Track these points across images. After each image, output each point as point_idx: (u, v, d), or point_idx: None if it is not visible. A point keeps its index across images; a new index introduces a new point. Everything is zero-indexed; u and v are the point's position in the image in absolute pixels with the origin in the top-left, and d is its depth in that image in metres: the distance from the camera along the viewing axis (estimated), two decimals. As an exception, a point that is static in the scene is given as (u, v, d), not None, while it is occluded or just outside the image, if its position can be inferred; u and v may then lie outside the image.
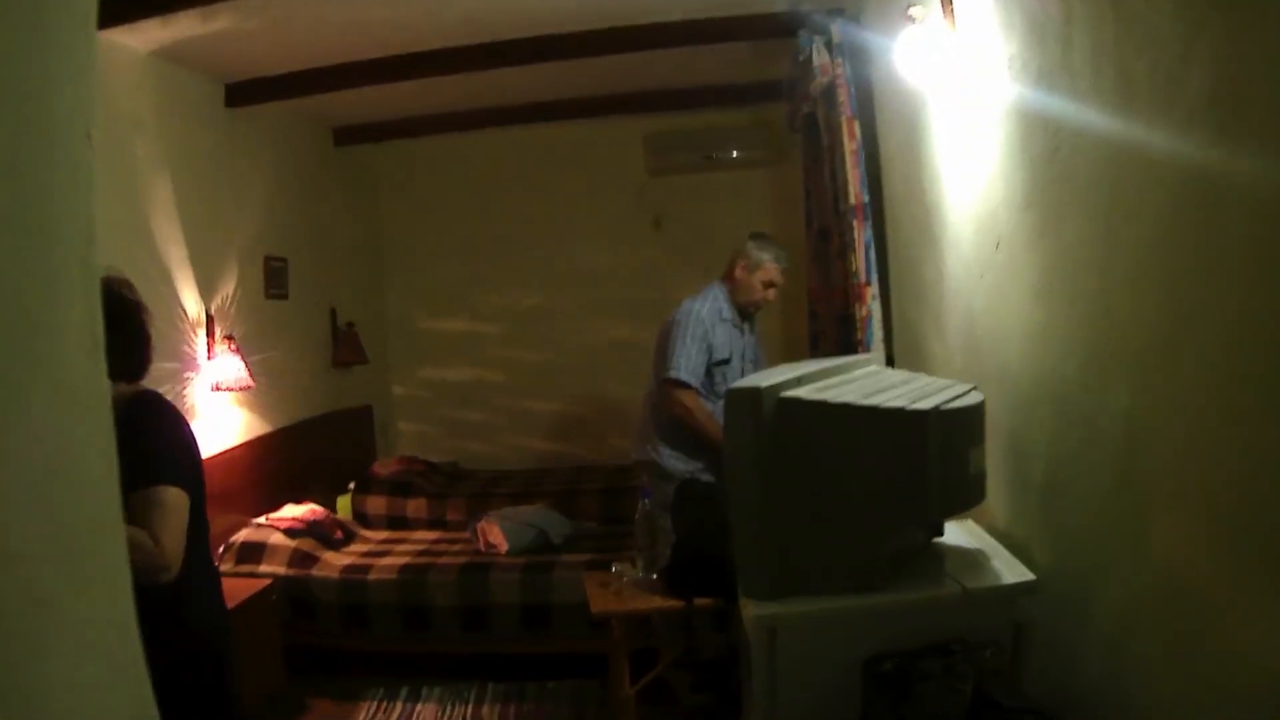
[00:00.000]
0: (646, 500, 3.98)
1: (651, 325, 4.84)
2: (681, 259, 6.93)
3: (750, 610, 2.23)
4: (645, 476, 4.49)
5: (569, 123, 6.95)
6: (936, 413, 2.10)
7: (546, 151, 7.36)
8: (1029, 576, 2.29)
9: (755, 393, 2.15)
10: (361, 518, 6.23)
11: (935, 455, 2.10)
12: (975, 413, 2.29)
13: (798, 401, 2.17)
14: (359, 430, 7.14)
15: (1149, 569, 1.82)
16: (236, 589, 4.51)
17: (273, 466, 5.64)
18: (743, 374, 4.34)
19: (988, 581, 2.31)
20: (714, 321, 4.36)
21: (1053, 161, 2.16)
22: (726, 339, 4.39)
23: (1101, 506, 2.02)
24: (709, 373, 4.34)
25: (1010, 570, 2.35)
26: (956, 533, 2.62)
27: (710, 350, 4.33)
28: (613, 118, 6.90)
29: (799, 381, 2.27)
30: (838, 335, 4.70)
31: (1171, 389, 1.71)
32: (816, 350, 5.26)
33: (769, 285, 4.41)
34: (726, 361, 4.37)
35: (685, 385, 4.26)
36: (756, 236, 4.50)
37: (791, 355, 5.58)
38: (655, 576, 3.83)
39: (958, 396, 2.25)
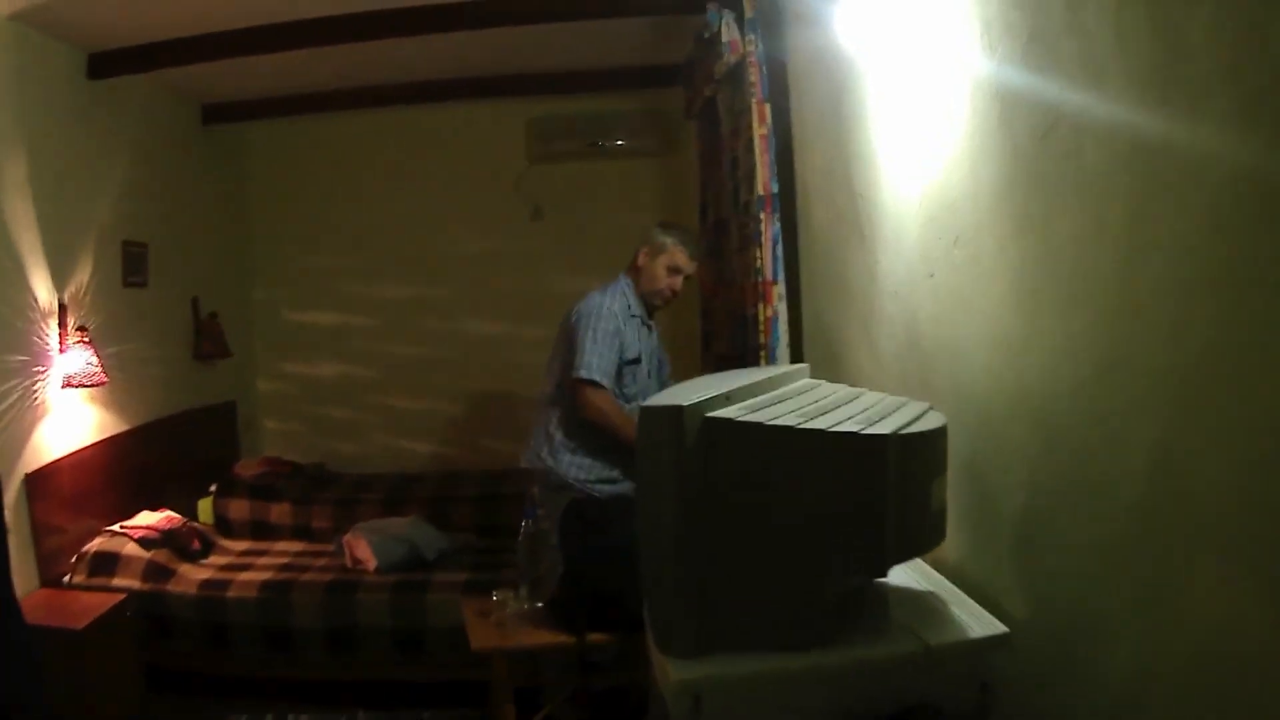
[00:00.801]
0: (531, 519, 3.73)
1: (529, 320, 4.65)
2: (563, 251, 6.76)
3: (669, 672, 1.92)
4: (535, 489, 4.20)
5: (448, 105, 6.64)
6: (896, 438, 1.87)
7: (424, 135, 7.03)
8: (1000, 629, 2.05)
9: (675, 412, 1.88)
10: (223, 522, 5.85)
11: (894, 487, 1.86)
12: (938, 438, 2.07)
13: (728, 424, 1.91)
14: (222, 428, 6.72)
15: (1181, 631, 1.59)
16: (89, 604, 4.25)
17: (128, 468, 5.23)
18: (649, 376, 4.16)
19: (951, 635, 2.05)
20: (624, 317, 4.06)
21: (1045, 143, 1.90)
22: (635, 337, 4.09)
23: (1109, 552, 1.77)
24: (618, 373, 4.03)
25: (975, 621, 2.10)
26: (901, 572, 2.30)
27: (621, 348, 4.03)
28: (494, 100, 6.64)
29: (727, 399, 2.01)
30: (733, 335, 4.48)
31: (1223, 418, 1.45)
32: (708, 351, 5.09)
33: (674, 271, 4.09)
34: (636, 361, 4.08)
35: (598, 385, 3.93)
36: (663, 224, 4.23)
37: (680, 355, 5.44)
38: (541, 605, 3.51)
39: (916, 419, 2.04)
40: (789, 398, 2.19)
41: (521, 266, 6.98)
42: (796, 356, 3.90)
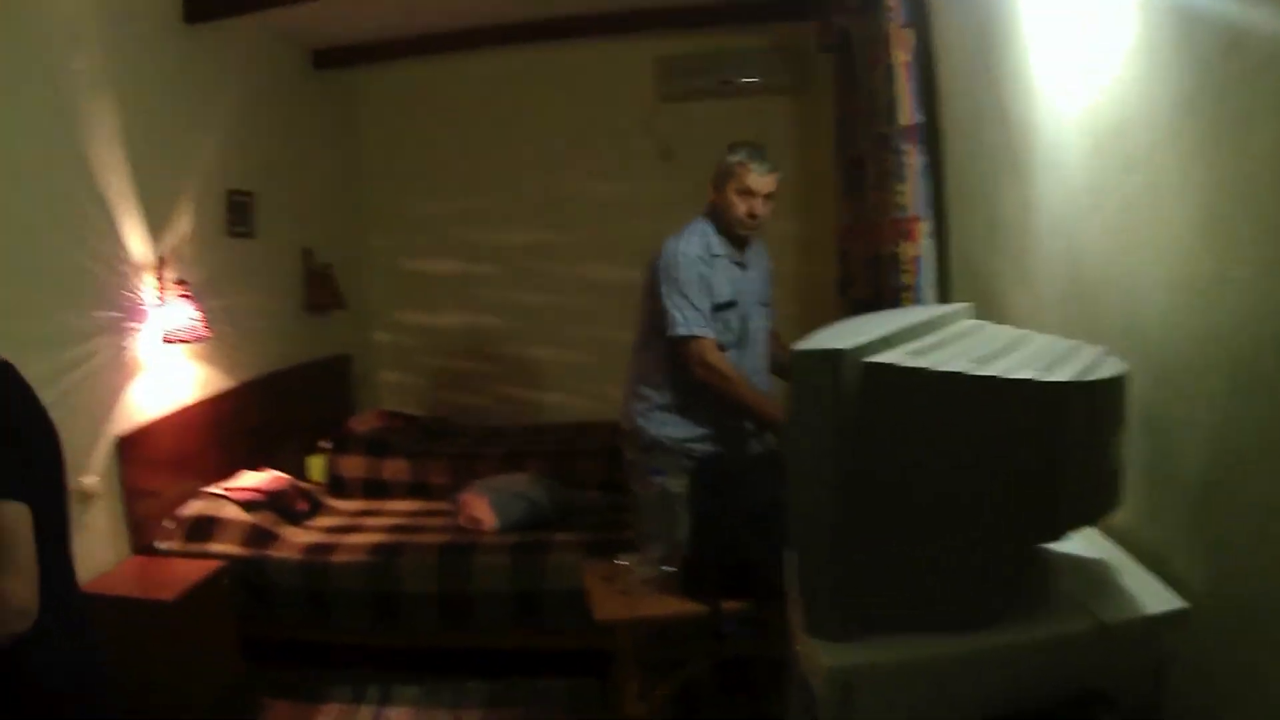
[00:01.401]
0: (659, 478, 3.44)
1: None
2: (695, 193, 6.19)
3: (817, 656, 1.70)
4: (627, 452, 3.92)
5: (571, 43, 6.27)
6: (1078, 386, 1.62)
7: (546, 75, 6.71)
8: (1178, 604, 1.76)
9: (833, 356, 1.64)
10: (337, 481, 5.67)
11: (1074, 442, 1.65)
12: (1118, 386, 1.78)
13: (891, 370, 1.64)
14: (336, 382, 6.54)
15: None
16: (185, 571, 4.05)
17: (233, 426, 5.04)
18: (749, 320, 3.76)
19: (1126, 611, 1.77)
20: (706, 259, 3.68)
21: (1234, 53, 1.58)
22: (726, 278, 3.69)
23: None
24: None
25: (1150, 595, 1.81)
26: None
27: (710, 293, 3.65)
28: (619, 38, 6.26)
29: (886, 342, 1.76)
30: (871, 278, 4.17)
31: None
32: (845, 296, 4.78)
33: (745, 194, 3.63)
34: (730, 305, 3.69)
35: (699, 338, 3.59)
36: (730, 145, 3.79)
37: (815, 302, 5.47)
38: (670, 570, 3.27)
39: (1093, 365, 1.75)
40: (953, 341, 1.95)
41: (652, 210, 6.48)
42: (944, 298, 3.55)
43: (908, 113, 3.53)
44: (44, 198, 3.83)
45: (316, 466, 5.70)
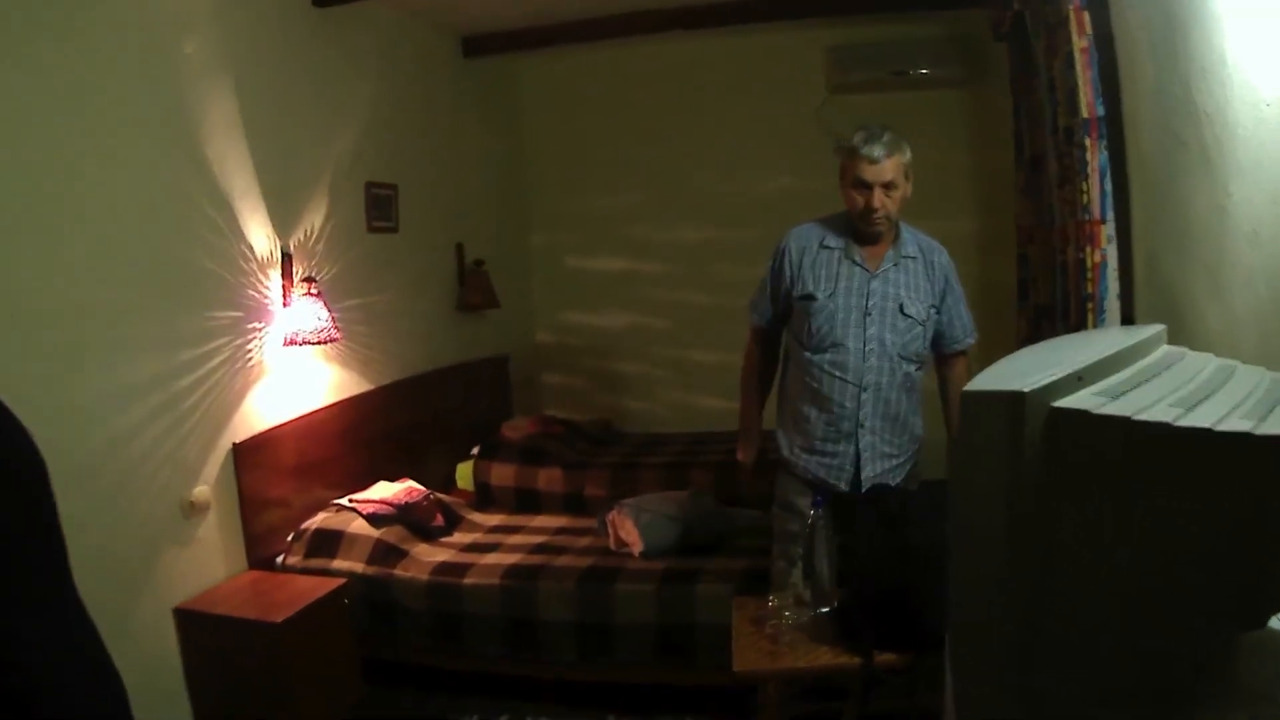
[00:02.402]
0: (819, 508, 3.02)
1: None
2: None
3: None
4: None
5: (739, 29, 5.83)
6: None
7: (713, 64, 6.31)
8: None
9: (1013, 401, 1.35)
10: (484, 490, 5.33)
11: None
12: None
13: (1082, 417, 1.34)
14: (491, 385, 6.22)
15: None
16: (303, 588, 3.77)
17: (368, 433, 4.75)
18: (848, 320, 3.24)
19: None
20: (805, 244, 3.37)
21: None
22: (827, 272, 3.29)
23: None
24: (789, 312, 3.39)
25: None
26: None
27: (791, 279, 3.34)
28: (788, 25, 5.84)
29: (1077, 380, 1.44)
30: (1052, 284, 3.78)
31: None
32: (1025, 301, 4.39)
33: (861, 186, 3.17)
34: (811, 298, 3.27)
35: (752, 324, 3.54)
36: (855, 130, 3.30)
37: (994, 308, 5.05)
38: (824, 612, 2.89)
39: None
40: (1150, 376, 1.62)
41: (825, 205, 6.12)
42: (1126, 309, 3.13)
43: (1088, 104, 3.16)
44: (156, 191, 3.58)
45: (465, 474, 5.39)
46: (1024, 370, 1.52)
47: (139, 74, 3.50)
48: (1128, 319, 3.06)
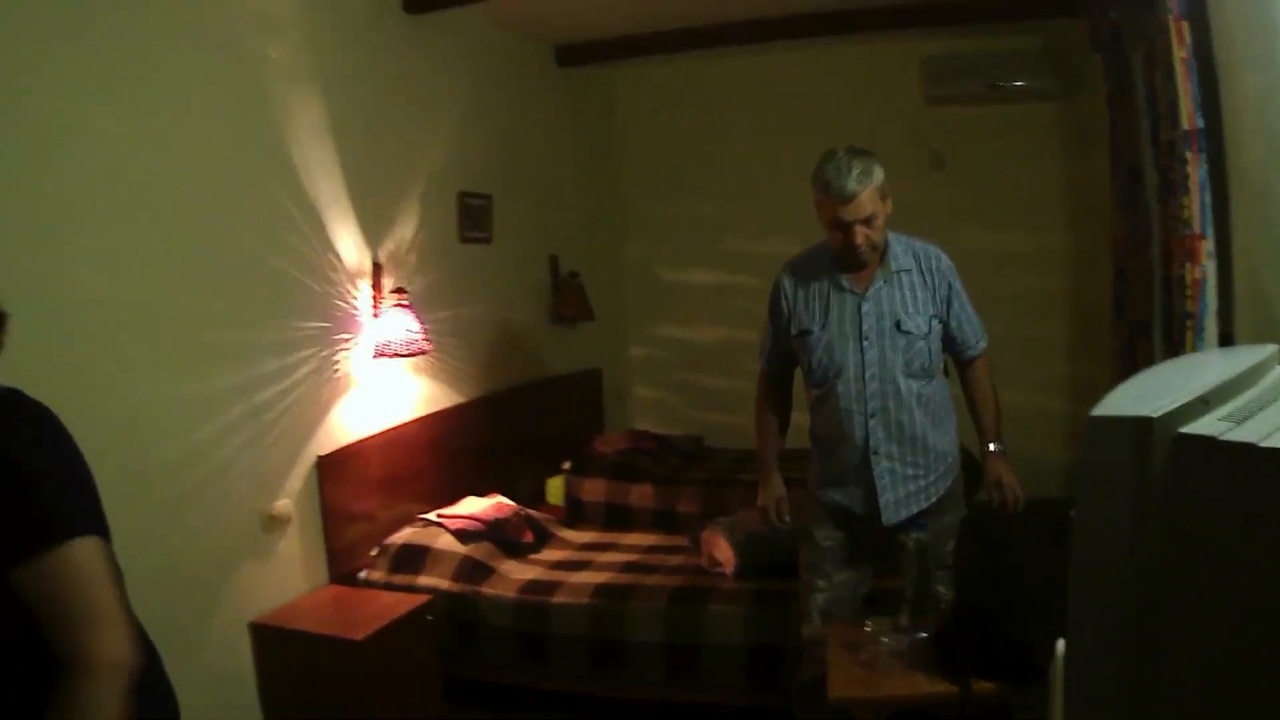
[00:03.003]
0: (922, 531, 2.99)
1: None
2: (967, 204, 5.80)
3: None
4: None
5: (834, 40, 5.71)
6: None
7: (807, 75, 6.12)
8: None
9: (1139, 426, 1.28)
10: (575, 505, 5.19)
11: None
12: None
13: (1210, 445, 1.25)
14: (583, 399, 6.09)
15: None
16: (385, 604, 3.66)
17: (457, 447, 4.64)
18: (845, 349, 3.03)
19: None
20: (797, 279, 3.16)
21: None
22: (819, 305, 3.08)
23: None
24: (789, 351, 3.22)
25: None
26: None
27: (789, 317, 3.16)
28: (883, 36, 5.70)
29: (1204, 404, 1.36)
30: (1149, 300, 3.77)
31: None
32: (1121, 318, 4.23)
33: (837, 227, 2.93)
34: (808, 332, 3.09)
35: (760, 371, 3.39)
36: (824, 156, 3.08)
37: (1088, 324, 5.17)
38: (923, 638, 2.80)
39: None
40: (1272, 401, 1.49)
41: (923, 219, 5.96)
42: (1224, 327, 2.97)
43: (1188, 116, 3.03)
44: (239, 198, 3.49)
45: (555, 489, 5.25)
46: (1149, 394, 1.44)
47: (222, 80, 3.43)
48: (1225, 337, 2.92)
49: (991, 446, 3.12)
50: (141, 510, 3.01)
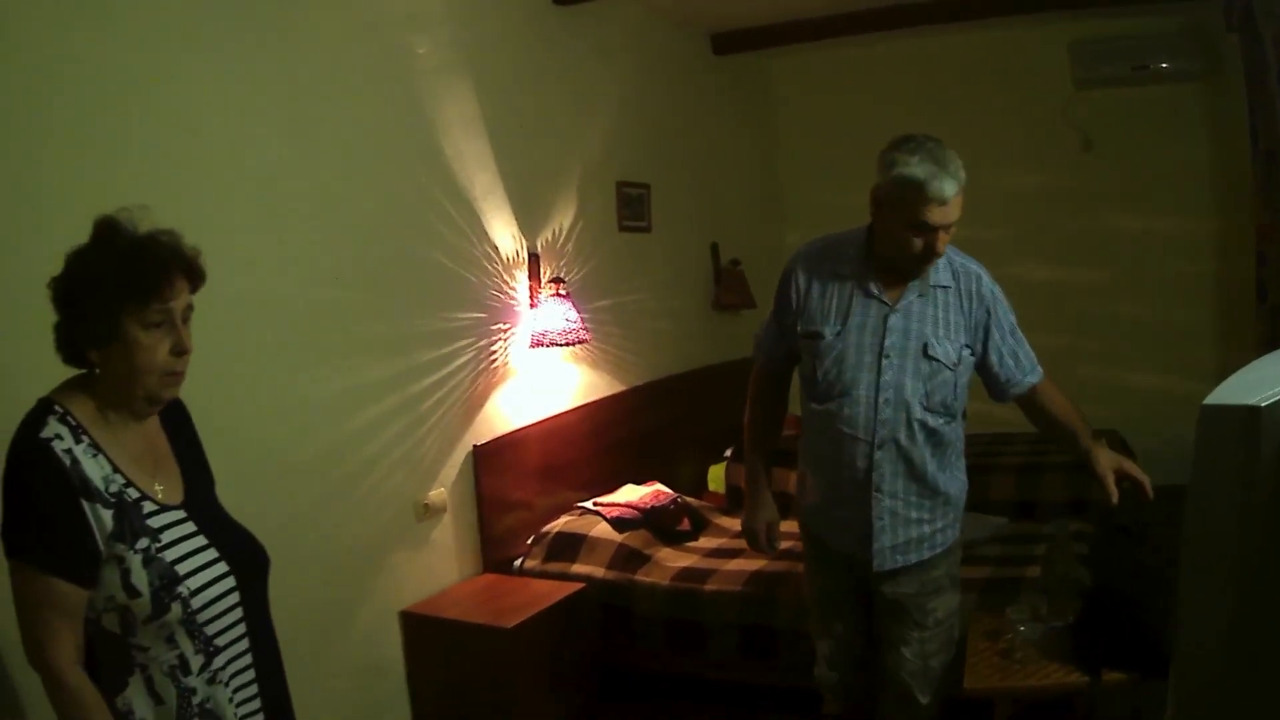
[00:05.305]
0: (1060, 519, 2.94)
1: (1086, 263, 4.74)
2: (1116, 186, 5.69)
3: None
4: None
5: (983, 24, 5.49)
6: None
7: (959, 59, 5.97)
8: None
9: (1246, 416, 1.17)
10: (736, 493, 5.01)
11: None
12: None
13: None
14: (745, 386, 5.88)
15: None
16: (539, 592, 3.56)
17: (616, 435, 4.52)
18: (860, 364, 2.51)
19: None
20: (814, 270, 2.60)
21: None
22: (838, 305, 2.55)
23: None
24: (797, 349, 2.67)
25: None
26: None
27: (797, 311, 2.61)
28: (1031, 20, 5.50)
29: None
30: None
31: None
32: (1263, 304, 4.19)
33: (919, 229, 2.37)
34: (818, 335, 2.56)
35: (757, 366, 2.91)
36: (902, 142, 2.47)
37: (1232, 309, 5.12)
38: (1060, 627, 2.76)
39: None
40: None
41: (1070, 204, 5.86)
42: None
43: None
44: (392, 193, 3.44)
45: (717, 477, 5.09)
46: (1263, 381, 1.33)
47: (372, 77, 3.37)
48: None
49: (1096, 443, 2.56)
50: (295, 500, 2.99)
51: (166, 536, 1.69)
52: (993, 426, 5.64)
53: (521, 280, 4.03)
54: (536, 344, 3.97)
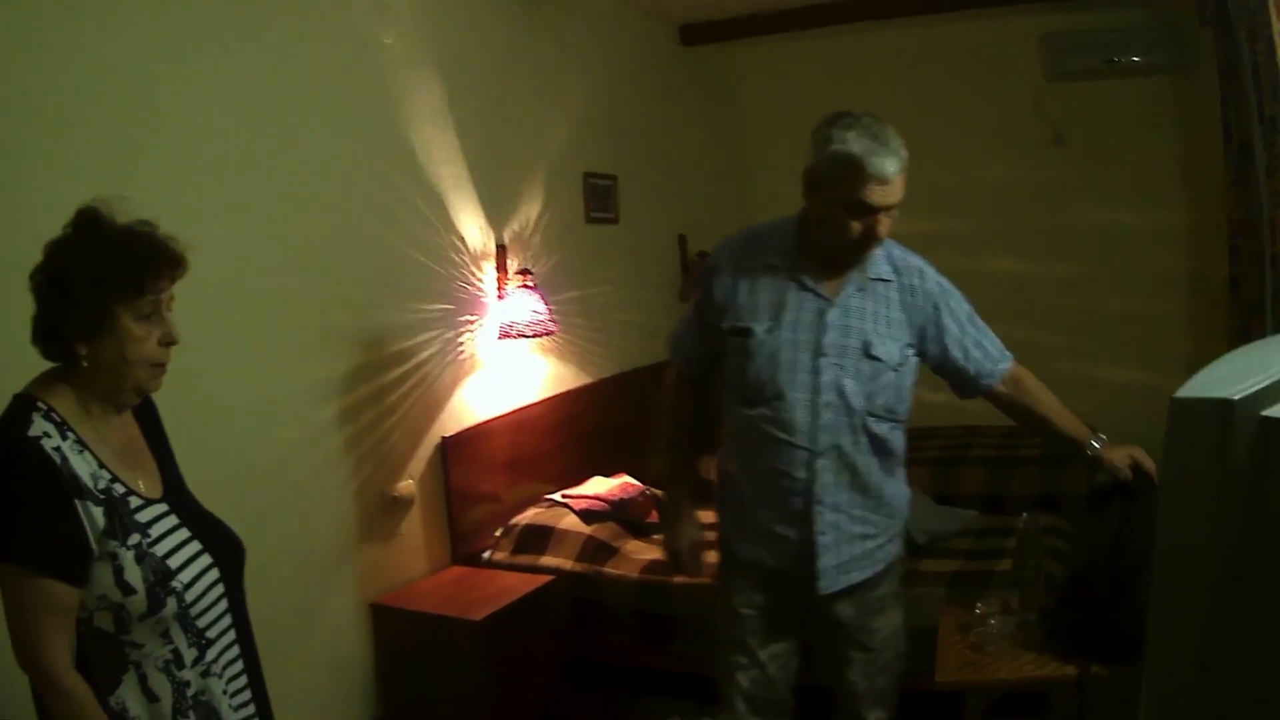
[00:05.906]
0: (1031, 511, 2.78)
1: (1053, 256, 4.72)
2: (1087, 181, 5.61)
3: None
4: None
5: (952, 16, 5.50)
6: None
7: (927, 52, 5.91)
8: None
9: (1219, 409, 1.13)
10: (703, 485, 5.00)
11: None
12: None
13: None
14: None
15: None
16: (507, 585, 3.54)
17: (584, 427, 4.48)
18: (794, 364, 2.29)
19: None
20: (741, 263, 2.39)
21: None
22: (766, 295, 2.35)
23: None
24: (714, 351, 2.48)
25: None
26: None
27: (722, 308, 2.39)
28: (1000, 12, 5.45)
29: None
30: (1262, 277, 3.63)
31: None
32: (1236, 295, 4.13)
33: (860, 210, 2.21)
34: (747, 333, 2.34)
35: (672, 361, 2.65)
36: (837, 118, 2.29)
37: (1204, 302, 5.04)
38: (1034, 621, 2.60)
39: None
40: None
41: (1043, 197, 5.83)
42: None
43: None
44: (359, 183, 3.41)
45: (684, 468, 5.08)
46: (1235, 374, 1.29)
47: (337, 66, 3.33)
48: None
49: (1100, 438, 2.39)
50: (263, 493, 2.94)
51: (155, 531, 1.66)
52: (963, 419, 5.66)
53: (489, 272, 3.99)
54: (504, 335, 3.94)
